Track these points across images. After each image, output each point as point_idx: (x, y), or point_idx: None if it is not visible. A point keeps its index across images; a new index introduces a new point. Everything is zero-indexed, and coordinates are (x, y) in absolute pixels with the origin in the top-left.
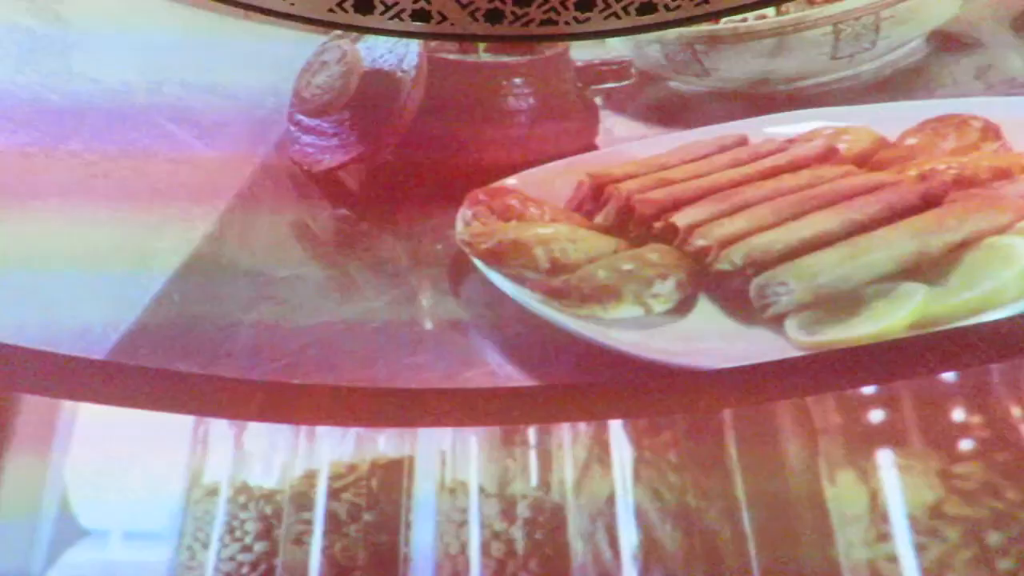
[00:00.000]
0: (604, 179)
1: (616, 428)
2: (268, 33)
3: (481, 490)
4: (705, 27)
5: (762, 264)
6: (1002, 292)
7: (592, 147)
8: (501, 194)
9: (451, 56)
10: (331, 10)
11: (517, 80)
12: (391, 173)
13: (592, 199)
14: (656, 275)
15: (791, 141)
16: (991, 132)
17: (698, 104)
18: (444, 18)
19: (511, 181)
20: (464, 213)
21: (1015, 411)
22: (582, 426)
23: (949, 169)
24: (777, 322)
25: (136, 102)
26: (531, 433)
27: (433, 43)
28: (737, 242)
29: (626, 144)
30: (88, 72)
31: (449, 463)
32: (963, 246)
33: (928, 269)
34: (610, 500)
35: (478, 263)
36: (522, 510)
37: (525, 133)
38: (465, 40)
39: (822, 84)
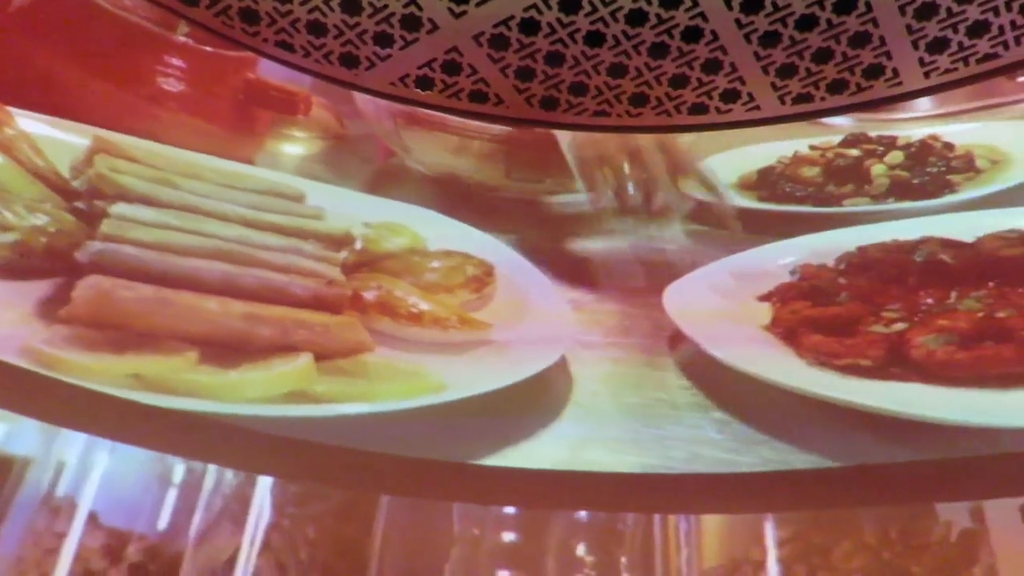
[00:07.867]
0: (103, 146)
1: (263, 487)
2: None
3: (91, 518)
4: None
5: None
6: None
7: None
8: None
9: (124, 14)
10: (392, 83)
11: (176, 61)
12: None
13: (86, 162)
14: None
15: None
16: (475, 283)
17: (405, 180)
18: (500, 101)
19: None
20: None
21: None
22: (228, 474)
23: (389, 292)
24: None
25: None
26: (179, 470)
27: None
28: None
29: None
30: None
31: (69, 471)
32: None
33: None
34: (230, 563)
35: None
36: (133, 553)
37: (152, 110)
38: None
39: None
